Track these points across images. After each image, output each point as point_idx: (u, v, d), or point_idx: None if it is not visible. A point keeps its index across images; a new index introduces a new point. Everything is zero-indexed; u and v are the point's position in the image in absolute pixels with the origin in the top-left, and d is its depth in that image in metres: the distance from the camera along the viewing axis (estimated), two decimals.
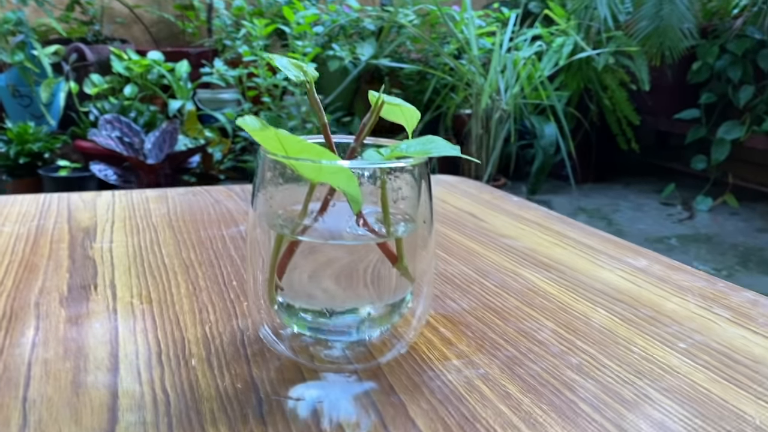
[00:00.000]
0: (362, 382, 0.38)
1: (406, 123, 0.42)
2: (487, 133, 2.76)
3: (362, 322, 0.39)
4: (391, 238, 0.39)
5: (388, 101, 0.39)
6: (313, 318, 0.39)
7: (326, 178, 0.36)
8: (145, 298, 0.48)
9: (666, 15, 2.79)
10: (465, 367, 0.40)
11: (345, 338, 0.40)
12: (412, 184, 0.39)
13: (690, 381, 0.39)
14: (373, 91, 0.40)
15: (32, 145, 2.53)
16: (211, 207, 0.72)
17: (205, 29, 3.34)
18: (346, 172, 0.35)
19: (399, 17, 3.02)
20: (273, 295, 0.39)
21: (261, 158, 0.38)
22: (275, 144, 0.35)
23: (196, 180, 2.59)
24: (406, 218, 0.40)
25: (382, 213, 0.38)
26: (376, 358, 0.40)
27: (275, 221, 0.39)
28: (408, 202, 0.39)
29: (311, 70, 0.39)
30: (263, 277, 0.39)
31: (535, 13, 3.25)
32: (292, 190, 0.39)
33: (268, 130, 0.34)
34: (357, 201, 0.37)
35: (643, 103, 3.25)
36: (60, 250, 0.57)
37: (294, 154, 0.35)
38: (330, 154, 0.35)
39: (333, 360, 0.40)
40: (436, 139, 0.39)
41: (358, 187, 0.35)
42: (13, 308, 0.45)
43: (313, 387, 0.37)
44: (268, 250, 0.38)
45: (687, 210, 3.03)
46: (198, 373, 0.38)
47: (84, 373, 0.37)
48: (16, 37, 2.73)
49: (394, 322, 0.41)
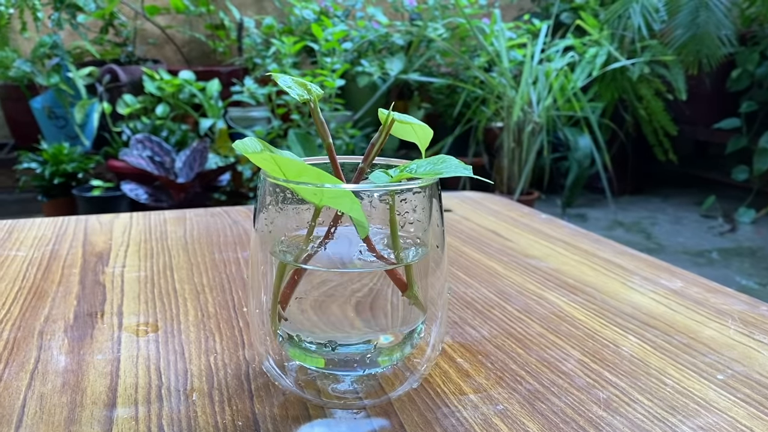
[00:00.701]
0: (371, 419, 0.35)
1: (418, 141, 0.39)
2: (519, 146, 2.72)
3: (371, 354, 0.37)
4: (401, 264, 0.36)
5: (399, 119, 0.37)
6: (318, 350, 0.37)
7: (329, 202, 0.33)
8: (151, 326, 0.46)
9: (702, 22, 2.72)
10: (482, 402, 0.37)
11: (352, 372, 0.38)
12: (422, 207, 0.36)
13: (729, 418, 0.36)
14: (383, 109, 0.38)
15: (66, 165, 2.57)
16: (229, 228, 0.71)
17: (235, 48, 3.37)
18: (349, 196, 0.33)
19: (428, 31, 3.00)
20: (276, 326, 0.37)
21: (262, 181, 0.36)
22: (273, 167, 0.33)
23: (226, 198, 2.60)
24: (417, 242, 0.37)
25: (391, 238, 0.36)
26: (386, 393, 0.37)
27: (277, 248, 0.37)
28: (418, 225, 0.37)
29: (315, 88, 0.37)
30: (266, 305, 0.37)
31: (567, 24, 3.21)
32: (296, 215, 0.37)
33: (264, 153, 0.32)
34: (363, 226, 0.34)
35: (681, 113, 3.17)
36: (71, 275, 0.56)
37: (292, 177, 0.33)
38: (331, 177, 0.33)
39: (340, 395, 0.37)
40: (448, 158, 0.36)
41: (363, 211, 0.33)
42: (16, 338, 0.44)
43: (319, 425, 0.35)
44: (271, 277, 0.36)
45: (728, 222, 2.93)
46: (198, 408, 0.36)
47: (79, 409, 0.36)
48: (52, 60, 2.78)
49: (406, 353, 0.38)
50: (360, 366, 0.37)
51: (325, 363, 0.37)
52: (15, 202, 2.99)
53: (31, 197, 2.79)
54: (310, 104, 0.37)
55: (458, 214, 0.78)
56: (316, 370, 0.38)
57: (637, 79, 2.95)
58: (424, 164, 0.36)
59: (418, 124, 0.38)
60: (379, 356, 0.37)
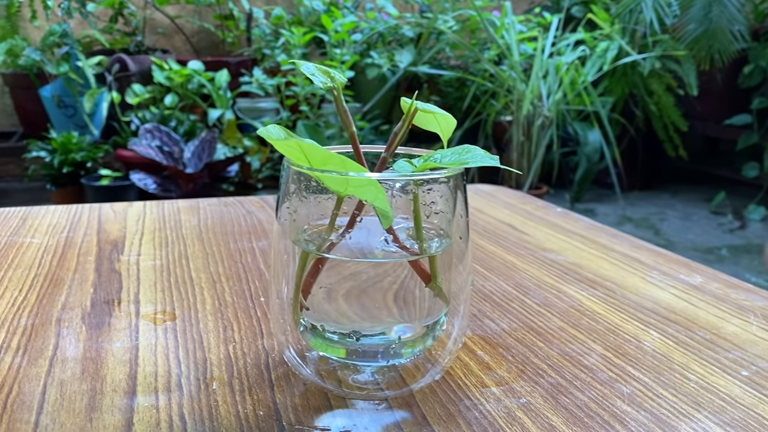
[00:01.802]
0: (393, 410, 0.35)
1: (441, 131, 0.39)
2: (528, 140, 2.71)
3: (393, 345, 0.37)
4: (425, 255, 0.36)
5: (421, 108, 0.37)
6: (340, 340, 0.36)
7: (353, 191, 0.33)
8: (169, 315, 0.46)
9: (715, 17, 2.70)
10: (505, 395, 0.37)
11: (374, 363, 0.37)
12: (446, 197, 0.36)
13: (756, 414, 0.35)
14: (405, 97, 0.38)
15: (75, 154, 2.57)
16: (243, 218, 0.70)
17: (244, 38, 3.36)
18: (374, 185, 0.32)
19: (438, 23, 2.99)
20: (298, 316, 0.37)
21: (285, 169, 0.36)
22: (298, 155, 0.32)
23: (234, 189, 2.60)
24: (440, 233, 0.37)
25: (415, 228, 0.36)
26: (408, 385, 0.37)
27: (300, 237, 0.36)
28: (442, 216, 0.36)
29: (339, 75, 0.37)
30: (287, 295, 0.37)
31: (578, 18, 3.19)
32: (318, 204, 0.36)
33: (290, 140, 0.31)
34: (387, 216, 0.34)
35: (691, 108, 3.15)
36: (87, 263, 0.56)
37: (318, 165, 0.32)
38: (356, 166, 0.32)
39: (361, 386, 0.37)
40: (473, 149, 0.36)
41: (388, 200, 0.33)
42: (34, 325, 0.44)
43: (341, 415, 0.34)
44: (293, 266, 0.36)
45: (738, 219, 2.92)
46: (218, 397, 0.36)
47: (100, 396, 0.35)
48: (62, 49, 2.78)
49: (428, 345, 0.38)
50: (383, 357, 0.37)
51: (346, 353, 0.37)
52: (24, 191, 2.99)
53: (40, 186, 2.79)
54: (333, 92, 0.37)
55: (472, 206, 0.78)
56: (337, 361, 0.38)
57: (648, 74, 2.93)
58: (448, 154, 0.35)
59: (440, 113, 0.38)
60: (402, 348, 0.37)
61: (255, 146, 2.75)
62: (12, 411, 0.34)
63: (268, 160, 2.77)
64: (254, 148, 2.75)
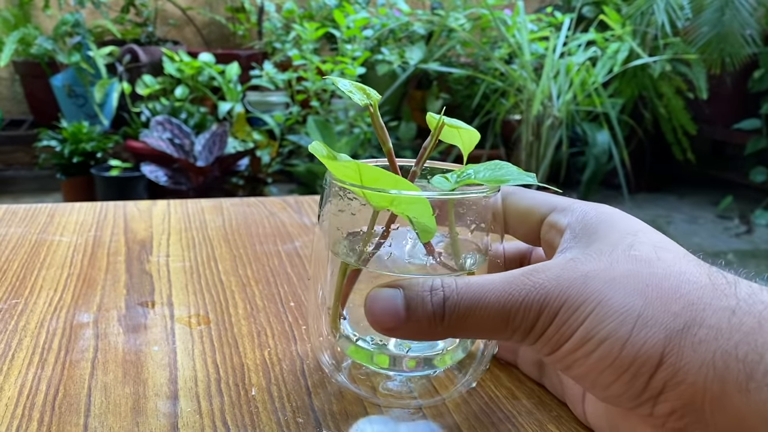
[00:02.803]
0: (428, 420, 0.36)
1: (463, 146, 0.39)
2: (537, 140, 2.72)
3: (427, 355, 0.37)
4: (463, 272, 0.37)
5: (448, 123, 0.37)
6: (374, 349, 0.37)
7: (401, 209, 0.34)
8: (203, 319, 0.47)
9: (728, 20, 2.70)
10: (536, 408, 0.38)
11: (410, 373, 0.38)
12: (481, 213, 0.36)
13: None
14: (433, 113, 0.39)
15: (86, 144, 2.58)
16: (266, 220, 0.71)
17: (255, 32, 3.37)
18: (422, 203, 0.33)
19: (449, 21, 2.99)
20: (337, 324, 0.38)
21: (328, 183, 0.37)
22: (350, 172, 0.33)
23: (244, 183, 2.61)
24: (475, 249, 0.38)
25: (452, 244, 0.37)
26: (440, 394, 0.38)
27: (339, 249, 0.37)
28: (477, 233, 0.37)
29: (375, 93, 0.38)
30: (324, 302, 0.38)
31: (589, 18, 3.19)
32: (356, 215, 0.37)
33: (348, 162, 0.33)
34: (430, 231, 0.35)
35: (700, 112, 3.16)
36: (117, 263, 0.57)
37: (369, 182, 0.33)
38: (405, 183, 0.33)
39: (395, 394, 0.38)
40: (505, 165, 0.37)
41: (433, 217, 0.34)
42: (72, 326, 0.45)
43: (377, 423, 0.35)
44: (333, 276, 0.37)
45: (745, 224, 2.92)
46: (258, 404, 0.37)
47: (144, 400, 0.36)
48: (73, 39, 2.79)
49: (459, 357, 0.39)
50: (419, 367, 0.38)
51: (382, 362, 0.37)
52: (33, 179, 3.01)
53: (50, 175, 2.81)
54: (370, 108, 0.37)
55: None
56: (373, 369, 0.38)
57: (658, 77, 2.93)
58: (481, 170, 0.36)
59: (465, 128, 0.39)
60: (436, 358, 0.38)
61: (264, 140, 2.76)
62: (61, 413, 0.35)
63: (277, 155, 2.78)
64: (263, 142, 2.76)
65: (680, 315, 0.28)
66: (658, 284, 0.29)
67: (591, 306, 0.29)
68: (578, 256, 0.31)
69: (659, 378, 0.27)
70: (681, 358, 0.27)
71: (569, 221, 0.36)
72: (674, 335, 0.27)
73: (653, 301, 0.28)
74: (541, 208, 0.38)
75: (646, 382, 0.28)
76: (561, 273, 0.30)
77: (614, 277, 0.29)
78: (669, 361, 0.27)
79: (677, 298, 0.28)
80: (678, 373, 0.27)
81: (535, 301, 0.30)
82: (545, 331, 0.30)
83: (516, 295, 0.30)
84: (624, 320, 0.28)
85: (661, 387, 0.27)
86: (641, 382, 0.28)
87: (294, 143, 2.74)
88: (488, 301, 0.30)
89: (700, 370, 0.27)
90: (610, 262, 0.30)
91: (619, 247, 0.31)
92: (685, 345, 0.27)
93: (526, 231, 0.39)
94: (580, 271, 0.30)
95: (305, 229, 0.68)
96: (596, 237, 0.33)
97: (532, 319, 0.30)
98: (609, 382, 0.29)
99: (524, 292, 0.30)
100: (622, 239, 0.32)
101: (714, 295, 0.28)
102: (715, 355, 0.26)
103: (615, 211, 0.35)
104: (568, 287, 0.30)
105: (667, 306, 0.28)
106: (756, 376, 0.25)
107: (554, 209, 0.38)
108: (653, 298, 0.28)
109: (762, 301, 0.27)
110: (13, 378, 0.38)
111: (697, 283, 0.29)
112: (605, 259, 0.31)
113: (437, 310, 0.31)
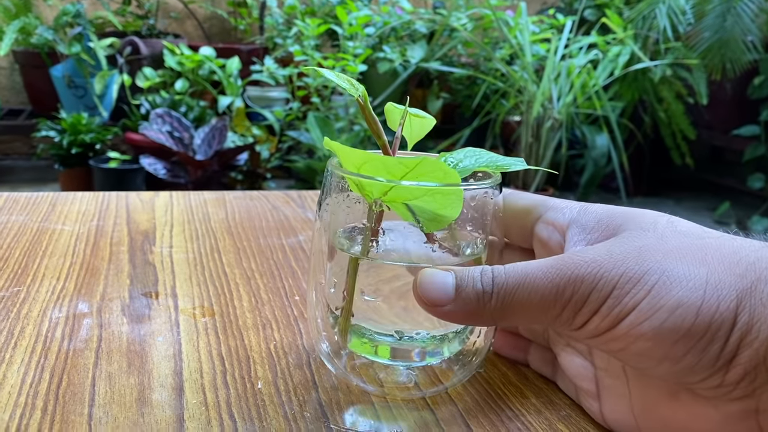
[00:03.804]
0: (436, 416, 0.35)
1: (410, 136, 0.39)
2: (537, 141, 2.72)
3: (432, 346, 0.37)
4: (468, 258, 0.36)
5: (412, 113, 0.38)
6: (378, 340, 0.37)
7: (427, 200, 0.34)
8: (207, 311, 0.46)
9: (729, 27, 2.70)
10: (545, 407, 0.37)
11: (411, 363, 0.38)
12: (481, 203, 0.36)
13: None
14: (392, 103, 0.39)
15: (84, 135, 2.57)
16: (270, 213, 0.71)
17: (256, 27, 3.36)
18: (456, 193, 0.33)
19: (451, 20, 2.99)
20: (347, 325, 0.37)
21: (329, 174, 0.36)
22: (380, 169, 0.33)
23: (243, 177, 2.60)
24: (474, 238, 0.37)
25: (450, 233, 0.36)
26: (443, 383, 0.38)
27: (342, 241, 0.37)
28: (476, 221, 0.37)
29: (360, 86, 0.37)
30: (324, 293, 0.37)
31: (591, 21, 3.19)
32: (348, 208, 0.37)
33: (368, 153, 0.33)
34: (442, 221, 0.35)
35: (699, 117, 3.16)
36: (120, 253, 0.56)
37: (357, 169, 0.33)
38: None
39: (401, 385, 0.37)
40: (482, 152, 0.37)
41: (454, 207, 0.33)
42: (75, 315, 0.44)
43: (386, 416, 0.35)
44: (329, 266, 0.37)
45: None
46: (265, 397, 0.36)
47: (149, 391, 0.36)
48: (74, 29, 2.78)
49: (458, 348, 0.38)
50: (419, 357, 0.37)
51: (385, 353, 0.37)
52: (31, 169, 3.00)
53: (47, 165, 2.80)
54: (359, 101, 0.37)
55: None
56: (373, 360, 0.38)
57: (658, 81, 2.93)
58: (461, 157, 0.36)
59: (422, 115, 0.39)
60: (437, 348, 0.37)
61: (264, 135, 2.76)
62: (65, 402, 0.34)
63: (277, 150, 2.77)
64: (263, 137, 2.75)
65: (745, 276, 0.28)
66: (716, 251, 0.29)
67: (654, 277, 0.28)
68: (619, 239, 0.31)
69: (734, 339, 0.27)
70: (753, 314, 0.27)
71: (571, 217, 0.36)
72: (744, 294, 0.27)
73: (716, 266, 0.28)
74: (537, 209, 0.38)
75: (722, 346, 0.27)
76: (612, 248, 0.30)
77: (670, 249, 0.29)
78: (742, 320, 0.27)
79: (738, 261, 0.28)
80: (752, 330, 0.27)
81: (588, 275, 0.29)
82: (600, 307, 0.29)
83: (566, 270, 0.30)
84: (694, 287, 0.28)
85: (736, 349, 0.27)
86: (717, 348, 0.27)
87: (294, 139, 2.74)
88: (537, 277, 0.30)
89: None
90: (660, 237, 0.30)
91: (660, 226, 0.31)
92: (755, 302, 0.27)
93: (519, 231, 0.39)
94: (633, 246, 0.30)
95: (308, 223, 0.68)
96: (621, 224, 0.33)
97: (584, 294, 0.29)
98: (682, 353, 0.28)
99: (575, 267, 0.30)
100: (656, 221, 0.32)
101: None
102: None
103: (616, 206, 0.35)
104: (624, 260, 0.29)
105: (730, 269, 0.28)
106: None
107: (548, 209, 0.37)
108: (715, 264, 0.28)
109: None
110: (15, 366, 0.38)
111: (751, 247, 0.29)
112: (653, 235, 0.31)
113: (486, 288, 0.31)
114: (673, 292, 0.28)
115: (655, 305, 0.28)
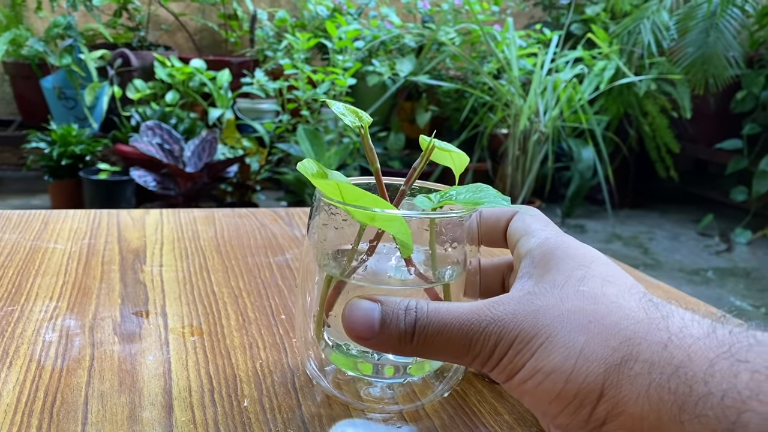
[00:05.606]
0: (410, 426, 0.37)
1: (454, 168, 0.42)
2: (524, 154, 2.75)
3: (405, 363, 0.39)
4: (439, 284, 0.39)
5: (438, 146, 0.40)
6: (360, 357, 0.39)
7: (380, 225, 0.36)
8: (195, 330, 0.48)
9: (712, 42, 2.75)
10: (517, 424, 0.39)
11: (389, 380, 0.40)
12: (460, 231, 0.38)
13: None
14: (424, 135, 0.41)
15: (74, 147, 2.58)
16: (258, 231, 0.73)
17: (247, 39, 3.39)
18: (399, 220, 0.35)
19: (440, 35, 3.02)
20: (321, 332, 0.39)
21: (317, 199, 0.39)
22: (333, 190, 0.35)
23: (233, 189, 2.62)
24: (453, 263, 0.39)
25: (431, 258, 0.39)
26: (420, 399, 0.40)
27: (325, 261, 0.39)
28: (456, 248, 0.39)
29: (366, 116, 0.40)
30: (312, 313, 0.40)
31: (577, 36, 3.24)
32: (340, 231, 0.39)
33: (330, 180, 0.34)
34: (408, 247, 0.37)
35: (683, 131, 3.21)
36: (111, 272, 0.58)
37: (350, 200, 0.35)
38: (384, 203, 0.35)
39: (377, 399, 0.40)
40: (485, 188, 0.39)
41: (410, 234, 0.35)
42: (68, 334, 0.46)
43: (361, 427, 0.37)
44: (320, 287, 0.39)
45: (725, 242, 2.97)
46: (251, 415, 0.38)
47: (139, 409, 0.38)
48: (65, 41, 2.79)
49: (436, 366, 0.41)
50: (398, 374, 0.39)
51: (364, 369, 0.39)
52: (20, 180, 3.00)
53: (37, 176, 2.80)
54: (360, 130, 0.39)
55: None
56: (353, 376, 0.40)
57: (643, 95, 2.98)
58: (463, 191, 0.38)
59: (455, 151, 0.41)
60: (414, 367, 0.40)
61: (254, 147, 2.77)
62: (59, 420, 0.36)
63: (267, 162, 2.79)
64: (253, 149, 2.77)
65: (618, 350, 0.30)
66: (600, 320, 0.31)
67: (540, 340, 0.31)
68: (534, 290, 0.34)
69: (601, 409, 0.29)
70: (620, 390, 0.29)
71: (529, 248, 0.38)
72: (613, 369, 0.29)
73: (595, 336, 0.30)
74: (505, 215, 0.42)
75: (589, 412, 0.30)
76: (517, 307, 0.33)
77: (562, 313, 0.32)
78: (609, 394, 0.29)
79: (616, 333, 0.30)
80: (618, 404, 0.29)
81: (493, 333, 0.32)
82: (501, 361, 0.32)
83: (477, 325, 0.33)
84: (568, 354, 0.30)
85: (604, 417, 0.30)
86: (585, 413, 0.30)
87: (283, 151, 2.76)
88: (453, 328, 0.33)
89: (637, 402, 0.28)
90: (561, 298, 0.33)
91: (571, 281, 0.34)
92: (622, 378, 0.29)
93: (491, 239, 0.43)
94: (533, 306, 0.33)
95: (296, 241, 0.70)
96: (552, 267, 0.35)
97: (490, 349, 0.33)
98: (556, 412, 0.31)
99: (485, 323, 0.33)
100: (574, 272, 0.34)
101: (649, 330, 0.30)
102: (649, 388, 0.28)
103: (572, 242, 0.37)
104: (522, 321, 0.32)
105: (606, 341, 0.30)
106: (687, 408, 0.27)
107: (523, 235, 0.39)
108: (595, 333, 0.31)
109: (691, 335, 0.29)
110: (11, 385, 0.39)
111: (634, 318, 0.31)
112: (557, 294, 0.33)
113: (408, 329, 0.34)
114: (551, 357, 0.31)
115: (535, 367, 0.31)
